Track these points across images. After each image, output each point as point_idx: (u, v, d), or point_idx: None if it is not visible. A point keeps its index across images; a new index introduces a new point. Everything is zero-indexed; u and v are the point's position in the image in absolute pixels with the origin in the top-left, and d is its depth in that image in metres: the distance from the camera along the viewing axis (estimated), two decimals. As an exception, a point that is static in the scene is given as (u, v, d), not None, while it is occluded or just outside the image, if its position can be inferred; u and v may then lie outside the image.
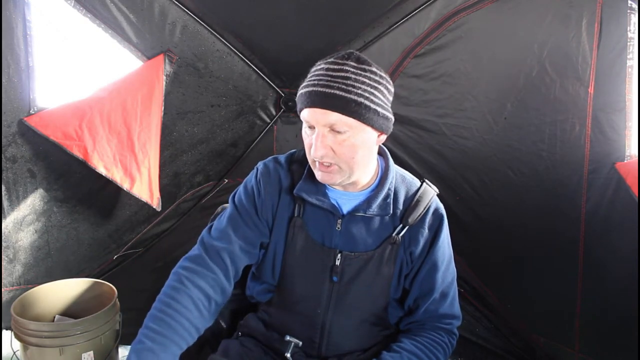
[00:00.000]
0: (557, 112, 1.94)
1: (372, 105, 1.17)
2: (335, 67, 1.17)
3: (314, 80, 1.18)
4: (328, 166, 1.21)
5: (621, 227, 1.85)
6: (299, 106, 1.22)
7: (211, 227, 1.38)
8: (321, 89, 1.15)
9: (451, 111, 2.18)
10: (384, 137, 1.27)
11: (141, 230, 2.42)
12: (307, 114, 1.19)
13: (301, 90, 1.21)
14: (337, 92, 1.14)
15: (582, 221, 1.95)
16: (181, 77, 2.20)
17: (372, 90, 1.17)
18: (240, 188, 1.41)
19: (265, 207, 1.35)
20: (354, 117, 1.16)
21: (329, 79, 1.16)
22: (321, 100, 1.15)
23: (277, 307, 1.40)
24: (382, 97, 1.20)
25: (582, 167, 1.92)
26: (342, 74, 1.16)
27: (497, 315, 2.33)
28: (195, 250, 1.34)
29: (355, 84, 1.16)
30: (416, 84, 2.21)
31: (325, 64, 1.20)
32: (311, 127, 1.20)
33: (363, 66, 1.18)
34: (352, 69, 1.17)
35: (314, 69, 1.23)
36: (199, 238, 1.37)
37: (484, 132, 2.13)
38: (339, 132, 1.17)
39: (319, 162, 1.22)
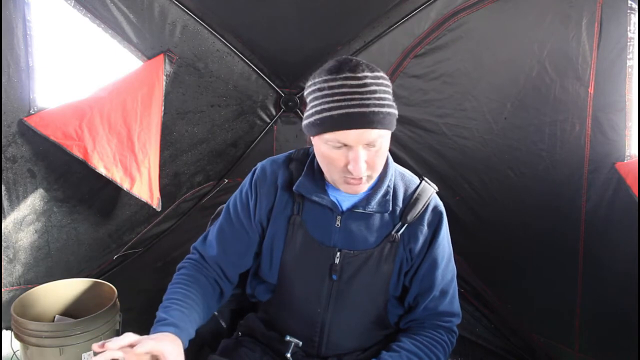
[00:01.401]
0: (557, 112, 1.94)
1: (394, 111, 1.19)
2: (357, 82, 1.13)
3: (344, 101, 1.13)
4: (360, 178, 1.19)
5: (621, 226, 1.85)
6: (325, 128, 1.15)
7: (205, 236, 1.44)
8: (359, 110, 1.12)
9: (451, 111, 2.18)
10: (389, 136, 1.27)
11: (141, 230, 2.42)
12: (342, 136, 1.14)
13: (331, 113, 1.14)
14: (375, 109, 1.13)
15: (582, 221, 1.95)
16: (181, 77, 2.20)
17: (390, 97, 1.19)
18: (236, 193, 1.43)
19: (259, 208, 1.36)
20: (388, 129, 1.18)
21: (360, 97, 1.13)
22: (362, 121, 1.12)
23: (277, 306, 1.41)
24: (392, 98, 1.21)
25: (582, 167, 1.92)
26: (368, 88, 1.13)
27: (497, 315, 2.33)
28: (192, 255, 1.42)
29: (382, 95, 1.15)
30: (416, 84, 2.21)
31: (343, 79, 1.14)
32: (337, 147, 1.16)
33: (375, 73, 1.16)
34: (371, 80, 1.14)
35: (327, 85, 1.15)
36: (192, 246, 1.44)
37: (484, 132, 2.13)
38: (374, 146, 1.17)
39: (352, 178, 1.19)
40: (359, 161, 1.15)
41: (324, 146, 1.19)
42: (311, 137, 1.24)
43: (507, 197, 2.14)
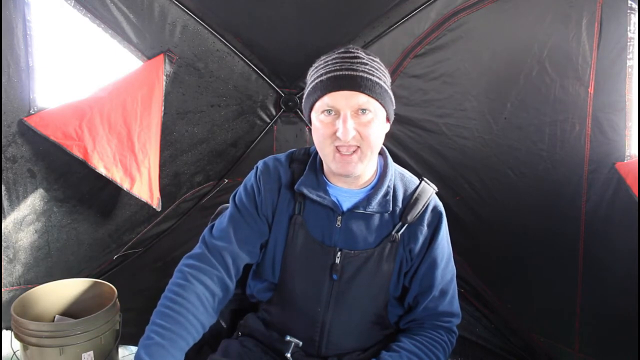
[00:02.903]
0: (557, 112, 1.94)
1: (388, 90, 1.24)
2: (349, 55, 1.22)
3: (334, 66, 1.20)
4: (350, 154, 1.22)
5: (621, 226, 1.85)
6: (317, 94, 1.22)
7: (212, 226, 1.41)
8: (347, 72, 1.19)
9: (451, 111, 2.18)
10: (388, 126, 1.31)
11: (141, 230, 2.42)
12: (331, 99, 1.20)
13: (321, 78, 1.21)
14: (363, 74, 1.19)
15: (582, 221, 1.95)
16: (181, 77, 2.20)
17: (384, 76, 1.24)
18: (241, 187, 1.42)
19: (265, 204, 1.36)
20: (378, 99, 1.21)
21: (350, 64, 1.20)
22: (349, 83, 1.18)
23: (277, 305, 1.41)
24: (390, 82, 1.27)
25: (582, 167, 1.92)
26: (360, 60, 1.21)
27: (497, 315, 2.33)
28: (197, 249, 1.37)
29: (372, 69, 1.21)
30: (416, 84, 2.21)
31: (337, 54, 1.24)
32: (331, 114, 1.21)
33: (370, 56, 1.25)
34: (365, 56, 1.23)
35: (323, 61, 1.25)
36: (201, 237, 1.39)
37: (484, 132, 2.13)
38: (363, 115, 1.20)
39: (339, 152, 1.22)
40: (346, 122, 1.18)
41: (316, 119, 1.24)
42: (309, 120, 1.29)
43: (507, 197, 2.14)
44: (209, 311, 1.28)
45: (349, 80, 1.18)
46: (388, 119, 1.30)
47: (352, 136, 1.19)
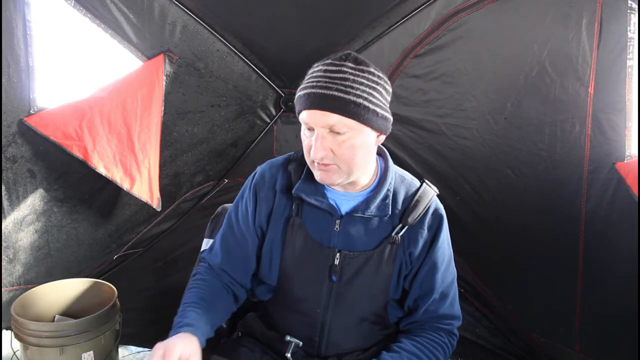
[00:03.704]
0: (557, 112, 1.95)
1: (371, 106, 1.17)
2: (333, 68, 1.17)
3: (312, 82, 1.18)
4: (327, 165, 1.21)
5: (621, 227, 1.85)
6: (297, 108, 1.22)
7: (212, 246, 1.46)
8: (320, 91, 1.15)
9: (451, 111, 2.18)
10: (383, 137, 1.26)
11: (141, 230, 2.42)
12: (306, 116, 1.18)
13: (299, 92, 1.20)
14: (336, 93, 1.14)
15: (582, 221, 1.95)
16: (181, 77, 2.20)
17: (370, 91, 1.17)
18: (237, 198, 1.44)
19: (260, 213, 1.36)
20: (353, 118, 1.15)
21: (327, 80, 1.15)
22: (320, 102, 1.15)
23: (277, 306, 1.41)
24: (381, 97, 1.20)
25: (582, 167, 1.92)
26: (341, 75, 1.16)
27: (497, 315, 2.33)
28: (202, 263, 1.46)
29: (354, 84, 1.15)
30: (416, 84, 2.21)
31: (323, 65, 1.19)
32: (310, 129, 1.20)
33: (361, 67, 1.18)
34: (350, 70, 1.17)
35: (311, 70, 1.23)
36: (202, 255, 1.48)
37: (484, 132, 2.13)
38: (338, 134, 1.17)
39: (318, 163, 1.21)
40: (316, 142, 1.17)
41: (301, 130, 1.24)
42: None
43: (507, 197, 2.14)
44: (228, 300, 1.38)
45: (320, 99, 1.15)
46: (381, 132, 1.24)
47: (323, 155, 1.18)
